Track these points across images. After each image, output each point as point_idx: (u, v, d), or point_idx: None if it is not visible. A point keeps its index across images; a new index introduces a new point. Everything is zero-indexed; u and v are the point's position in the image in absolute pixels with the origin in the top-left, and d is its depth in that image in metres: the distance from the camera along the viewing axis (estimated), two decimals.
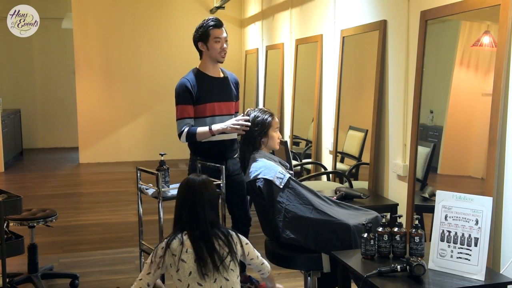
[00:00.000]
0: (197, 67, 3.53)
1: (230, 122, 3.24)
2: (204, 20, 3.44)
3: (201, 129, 3.34)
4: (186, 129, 3.35)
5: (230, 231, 2.48)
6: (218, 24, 3.41)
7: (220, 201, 3.06)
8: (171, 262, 2.33)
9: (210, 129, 3.31)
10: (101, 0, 8.63)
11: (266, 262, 2.63)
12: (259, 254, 2.58)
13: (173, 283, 2.39)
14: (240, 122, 3.17)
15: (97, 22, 8.65)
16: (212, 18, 3.43)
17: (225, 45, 3.44)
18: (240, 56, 9.00)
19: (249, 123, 3.14)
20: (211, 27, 3.40)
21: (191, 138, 3.36)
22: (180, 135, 3.38)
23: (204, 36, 3.42)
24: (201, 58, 3.52)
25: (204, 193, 2.41)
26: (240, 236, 2.52)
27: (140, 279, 2.37)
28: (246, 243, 2.52)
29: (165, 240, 2.38)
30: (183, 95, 3.40)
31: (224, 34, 3.44)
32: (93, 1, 8.61)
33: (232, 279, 2.36)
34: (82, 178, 8.02)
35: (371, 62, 4.12)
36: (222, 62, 3.51)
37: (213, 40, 3.41)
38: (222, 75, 3.57)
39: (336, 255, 2.49)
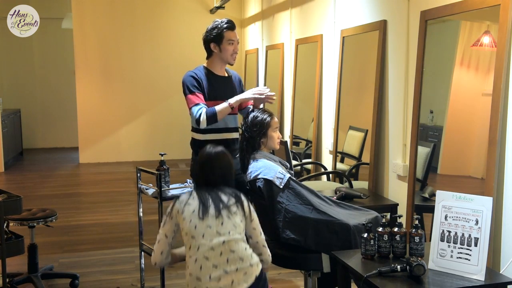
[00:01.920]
0: (204, 65, 3.53)
1: (251, 91, 3.28)
2: (218, 21, 3.42)
3: (219, 106, 3.28)
4: (203, 111, 3.26)
5: (242, 194, 2.53)
6: (232, 27, 3.41)
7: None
8: (178, 208, 2.43)
9: (228, 103, 3.28)
10: (101, 0, 8.63)
11: (268, 250, 2.55)
12: (263, 234, 2.54)
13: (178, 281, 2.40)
14: (266, 91, 3.25)
15: (97, 22, 8.65)
16: (226, 20, 3.42)
17: (237, 48, 3.45)
18: (240, 56, 8.99)
19: (274, 94, 3.29)
20: (225, 29, 3.39)
21: (212, 118, 3.28)
22: (198, 120, 3.27)
23: (218, 37, 3.40)
24: (208, 57, 3.51)
25: (216, 163, 2.52)
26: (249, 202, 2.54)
27: (159, 233, 2.47)
28: (253, 211, 2.52)
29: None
30: (192, 84, 3.37)
31: (237, 36, 3.46)
32: (93, 1, 8.61)
33: (235, 219, 2.40)
34: (82, 178, 8.02)
35: (371, 62, 4.12)
36: (232, 65, 3.51)
37: (227, 42, 3.41)
38: (227, 75, 3.58)
39: (336, 255, 2.49)
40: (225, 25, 3.39)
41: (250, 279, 2.33)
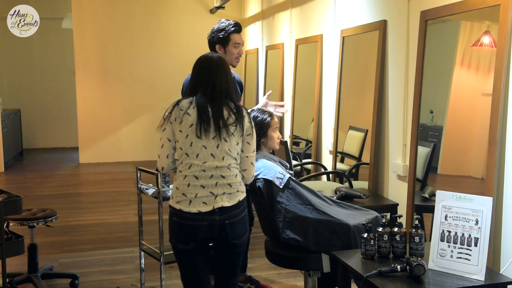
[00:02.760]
0: None
1: None
2: (224, 23, 3.42)
3: None
4: None
5: (244, 107, 2.53)
6: (239, 30, 3.43)
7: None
8: (177, 115, 2.43)
9: None
10: (101, 0, 8.63)
11: (253, 170, 2.57)
12: (255, 151, 2.57)
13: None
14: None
15: (97, 22, 8.65)
16: (234, 23, 3.43)
17: (242, 51, 3.47)
18: None
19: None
20: (232, 32, 3.40)
21: None
22: None
23: (224, 40, 3.41)
24: None
25: (219, 65, 2.50)
26: (251, 117, 2.55)
27: (160, 138, 2.50)
28: (254, 127, 2.54)
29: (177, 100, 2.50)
30: None
31: (243, 39, 3.48)
32: (93, 1, 8.61)
33: (231, 142, 2.43)
34: (82, 178, 8.02)
35: (371, 62, 4.12)
36: (235, 67, 3.52)
37: (233, 45, 3.42)
38: None
39: (336, 255, 2.49)
40: (232, 28, 3.40)
41: (233, 201, 2.43)
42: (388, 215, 3.38)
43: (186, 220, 2.40)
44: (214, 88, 2.44)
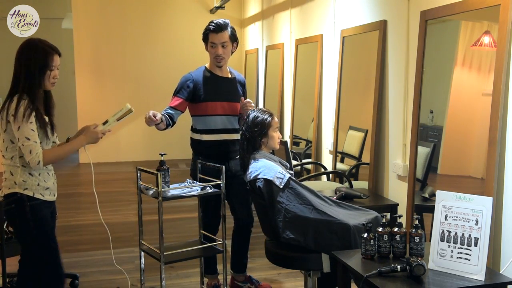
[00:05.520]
0: (206, 65, 3.53)
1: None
2: (211, 21, 3.42)
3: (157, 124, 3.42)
4: (163, 112, 3.48)
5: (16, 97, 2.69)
6: (216, 29, 3.36)
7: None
8: None
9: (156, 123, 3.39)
10: (101, 0, 8.63)
11: (30, 157, 2.74)
12: (25, 142, 2.71)
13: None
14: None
15: (97, 22, 8.65)
16: (214, 23, 3.38)
17: (220, 52, 3.38)
18: (240, 56, 9.00)
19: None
20: (208, 31, 3.39)
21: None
22: None
23: (204, 39, 3.44)
24: None
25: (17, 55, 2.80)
26: (11, 108, 2.70)
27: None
28: (16, 121, 2.70)
29: None
30: (179, 88, 3.47)
31: (222, 40, 3.37)
32: (93, 1, 8.61)
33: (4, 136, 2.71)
34: (82, 178, 8.01)
35: (371, 62, 4.12)
36: (219, 67, 3.48)
37: (209, 44, 3.41)
38: (230, 76, 3.56)
39: (336, 255, 2.49)
40: (210, 27, 3.39)
41: (3, 192, 2.72)
42: (388, 215, 3.38)
43: None
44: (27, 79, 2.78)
